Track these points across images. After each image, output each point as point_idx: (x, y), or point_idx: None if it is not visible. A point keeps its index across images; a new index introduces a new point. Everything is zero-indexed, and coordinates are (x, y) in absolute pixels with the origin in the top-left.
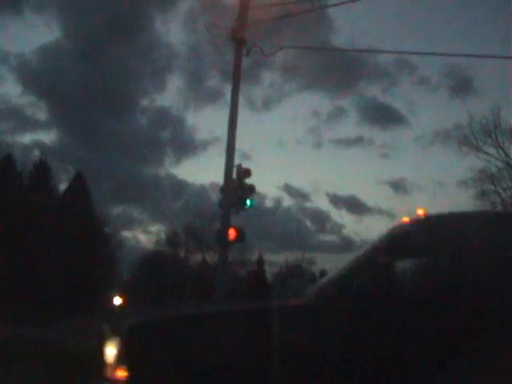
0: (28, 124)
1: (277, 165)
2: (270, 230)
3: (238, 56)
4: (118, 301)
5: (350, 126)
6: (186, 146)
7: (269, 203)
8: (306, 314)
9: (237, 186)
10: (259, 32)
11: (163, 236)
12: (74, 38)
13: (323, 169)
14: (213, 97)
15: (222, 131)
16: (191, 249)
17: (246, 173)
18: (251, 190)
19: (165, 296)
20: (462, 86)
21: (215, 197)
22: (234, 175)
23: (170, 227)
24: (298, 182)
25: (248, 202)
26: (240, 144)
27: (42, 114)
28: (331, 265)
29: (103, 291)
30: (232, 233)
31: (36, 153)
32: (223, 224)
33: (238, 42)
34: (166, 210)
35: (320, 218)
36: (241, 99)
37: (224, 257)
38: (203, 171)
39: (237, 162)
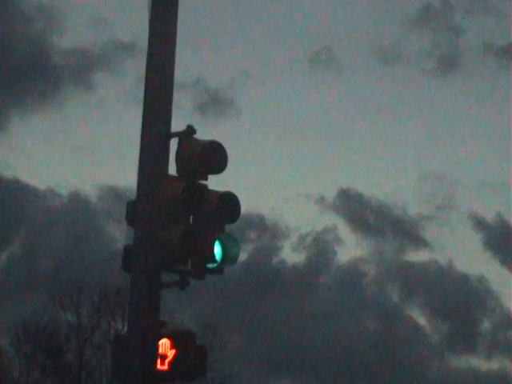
0: None
1: (316, 128)
2: (303, 340)
3: None
4: None
5: None
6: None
7: (298, 253)
8: None
9: (180, 201)
10: None
11: None
12: None
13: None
14: None
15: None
16: None
17: (208, 156)
18: (226, 210)
19: None
20: None
21: (116, 234)
22: (174, 168)
23: None
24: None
25: (217, 250)
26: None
27: None
28: None
29: None
30: (167, 350)
31: None
32: (134, 325)
33: None
34: None
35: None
36: None
37: None
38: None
39: (186, 119)
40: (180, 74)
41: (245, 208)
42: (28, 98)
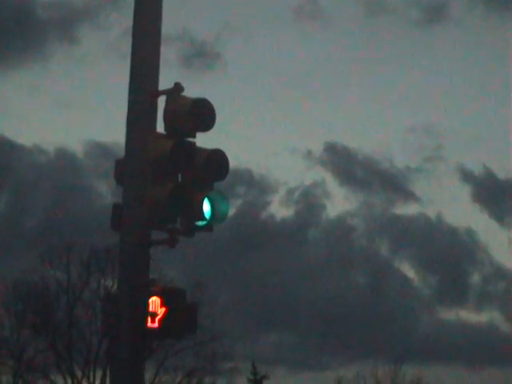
0: None
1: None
2: (290, 299)
3: None
4: None
5: None
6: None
7: (286, 208)
8: None
9: (168, 159)
10: None
11: None
12: None
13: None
14: None
15: None
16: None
17: (197, 113)
18: (214, 168)
19: None
20: None
21: (104, 190)
22: (162, 125)
23: None
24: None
25: (206, 208)
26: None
27: None
28: None
29: None
30: (157, 308)
31: None
32: (124, 283)
33: None
34: None
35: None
36: None
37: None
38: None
39: (172, 73)
40: (165, 27)
41: (233, 163)
42: (12, 53)
